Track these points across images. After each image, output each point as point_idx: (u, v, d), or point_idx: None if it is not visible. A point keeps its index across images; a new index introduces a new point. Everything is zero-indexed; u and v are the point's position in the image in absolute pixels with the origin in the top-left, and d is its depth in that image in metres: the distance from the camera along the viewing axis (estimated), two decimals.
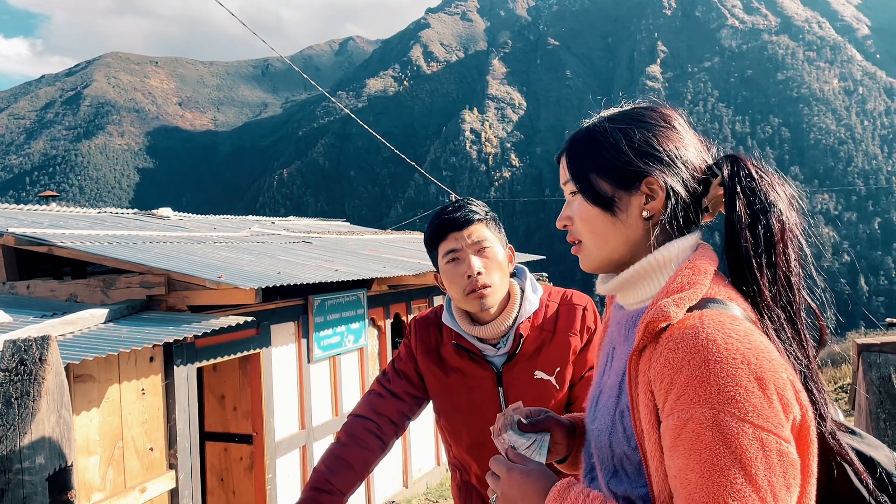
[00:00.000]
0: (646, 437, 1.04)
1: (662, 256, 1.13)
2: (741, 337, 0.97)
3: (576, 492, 1.10)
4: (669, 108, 1.21)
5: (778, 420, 0.94)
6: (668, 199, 1.13)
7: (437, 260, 1.87)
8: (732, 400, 0.93)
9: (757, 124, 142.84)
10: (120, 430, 4.43)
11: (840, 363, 14.09)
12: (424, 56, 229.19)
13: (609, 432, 1.14)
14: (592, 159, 1.18)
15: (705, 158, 1.18)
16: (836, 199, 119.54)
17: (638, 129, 1.16)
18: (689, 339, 0.97)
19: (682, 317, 1.01)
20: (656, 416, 1.02)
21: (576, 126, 1.26)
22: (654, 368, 1.01)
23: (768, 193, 1.09)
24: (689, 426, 0.94)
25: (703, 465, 0.93)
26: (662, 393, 0.99)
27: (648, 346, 1.04)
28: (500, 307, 1.85)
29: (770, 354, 0.98)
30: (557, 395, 1.83)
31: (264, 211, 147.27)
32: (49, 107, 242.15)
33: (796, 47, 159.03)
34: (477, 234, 1.82)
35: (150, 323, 4.52)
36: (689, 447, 0.94)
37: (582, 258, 1.22)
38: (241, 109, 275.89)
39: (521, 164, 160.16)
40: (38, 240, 5.10)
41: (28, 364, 1.68)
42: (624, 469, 1.12)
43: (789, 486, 0.93)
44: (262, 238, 8.78)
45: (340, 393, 6.98)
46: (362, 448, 1.82)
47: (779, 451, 0.93)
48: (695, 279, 1.06)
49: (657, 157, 1.14)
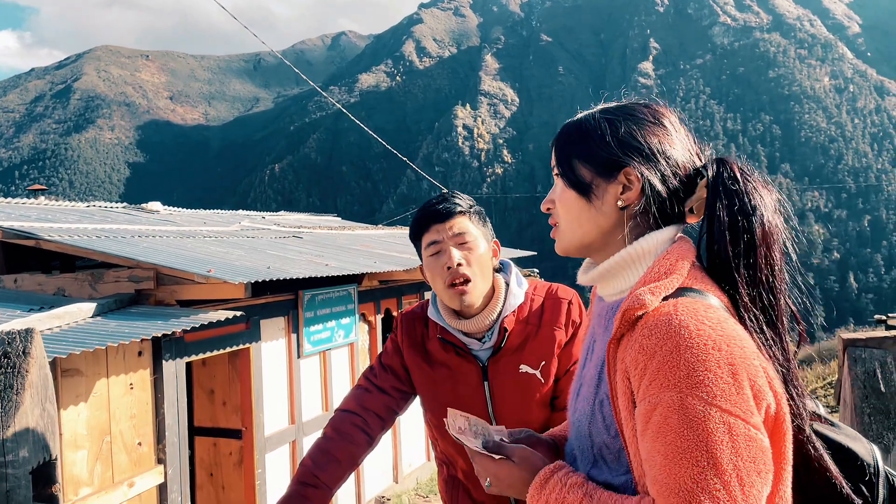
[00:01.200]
0: (625, 424, 1.05)
1: (641, 248, 1.14)
2: (714, 324, 0.99)
3: (557, 477, 1.12)
4: (664, 107, 1.23)
5: (747, 406, 0.95)
6: (644, 191, 1.15)
7: (421, 252, 1.88)
8: (700, 384, 0.94)
9: (748, 121, 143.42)
10: (108, 425, 4.41)
11: (830, 360, 14.22)
12: (417, 51, 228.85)
13: (589, 421, 1.15)
14: (578, 146, 1.21)
15: (694, 160, 1.20)
16: (826, 197, 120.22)
17: (626, 122, 1.19)
18: (663, 326, 0.99)
19: (658, 305, 1.03)
20: (633, 403, 1.03)
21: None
22: (630, 355, 1.02)
23: (752, 196, 1.10)
24: (658, 410, 0.96)
25: (667, 447, 0.94)
26: (637, 379, 1.01)
27: (626, 334, 1.05)
28: (485, 301, 1.85)
29: (742, 342, 0.99)
30: (542, 388, 1.83)
31: (256, 206, 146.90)
32: (39, 100, 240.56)
33: (788, 45, 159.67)
34: (459, 226, 1.83)
35: (139, 317, 4.51)
36: (657, 430, 0.96)
37: (557, 240, 1.26)
38: (233, 104, 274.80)
39: (513, 160, 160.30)
40: (26, 233, 5.07)
41: (11, 357, 1.67)
42: (603, 458, 1.13)
43: (759, 472, 0.93)
44: (252, 233, 8.75)
45: (330, 388, 6.97)
46: (349, 442, 1.82)
47: (746, 437, 0.93)
48: (672, 269, 1.08)
49: (638, 150, 1.16)
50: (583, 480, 1.10)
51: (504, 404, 1.84)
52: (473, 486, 1.89)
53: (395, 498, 7.67)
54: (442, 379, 1.89)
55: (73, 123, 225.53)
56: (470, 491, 1.91)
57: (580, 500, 1.06)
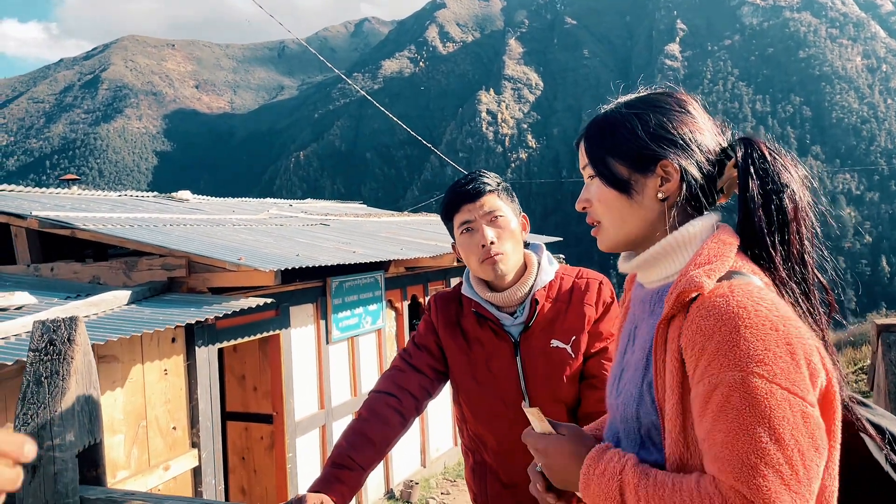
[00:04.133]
0: (666, 400, 1.08)
1: (687, 233, 1.16)
2: (769, 305, 1.01)
3: (611, 454, 1.14)
4: (685, 94, 1.25)
5: (805, 385, 0.97)
6: (683, 180, 1.17)
7: (453, 231, 1.93)
8: (762, 363, 0.96)
9: (778, 103, 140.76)
10: (143, 410, 4.51)
11: (861, 344, 14.00)
12: (440, 36, 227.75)
13: (637, 404, 1.16)
14: (610, 143, 1.22)
15: (720, 141, 1.22)
16: (857, 179, 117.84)
17: (654, 114, 1.20)
18: (721, 307, 1.01)
19: (713, 287, 1.04)
20: (679, 382, 1.05)
21: (593, 107, 1.31)
22: (686, 336, 1.04)
23: (781, 174, 1.13)
24: (720, 389, 0.98)
25: (729, 425, 0.96)
26: (693, 360, 1.02)
27: (678, 316, 1.07)
28: (517, 276, 1.91)
29: (796, 322, 1.02)
30: (573, 363, 1.87)
31: (281, 193, 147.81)
32: (68, 90, 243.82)
33: (818, 24, 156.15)
34: (489, 204, 1.88)
35: (172, 304, 4.59)
36: (718, 409, 0.98)
37: (600, 239, 1.27)
38: (258, 92, 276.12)
39: (537, 146, 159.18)
40: (62, 223, 5.18)
41: (57, 344, 1.73)
42: (651, 439, 1.15)
43: (817, 448, 0.96)
44: (281, 221, 8.83)
45: (359, 373, 7.04)
46: (383, 424, 1.85)
47: (804, 414, 0.95)
48: (721, 253, 1.09)
49: (672, 141, 1.18)
50: (637, 459, 1.11)
51: (536, 379, 1.88)
52: (503, 469, 1.92)
53: (423, 482, 7.75)
54: (476, 355, 1.93)
55: (101, 113, 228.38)
56: (500, 475, 1.93)
57: (639, 476, 1.07)
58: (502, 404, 1.89)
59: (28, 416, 1.66)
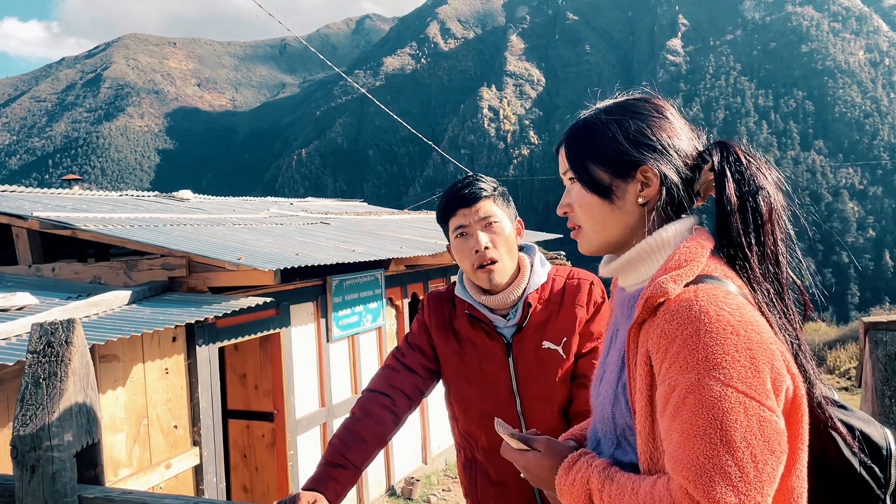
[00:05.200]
0: (636, 402, 1.11)
1: (661, 238, 1.19)
2: (733, 310, 1.03)
3: (583, 460, 1.18)
4: (662, 99, 1.28)
5: (763, 389, 0.98)
6: (662, 185, 1.20)
7: (448, 234, 1.96)
8: (718, 366, 0.98)
9: (780, 98, 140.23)
10: (145, 409, 4.55)
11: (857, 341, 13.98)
12: (442, 33, 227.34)
13: (612, 405, 1.20)
14: (590, 149, 1.25)
15: (696, 146, 1.24)
16: (860, 174, 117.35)
17: (633, 120, 1.23)
18: (684, 311, 1.03)
19: (679, 291, 1.07)
20: (648, 384, 1.08)
21: (595, 103, 1.32)
22: (652, 339, 1.07)
23: (756, 177, 1.15)
24: (677, 391, 1.00)
25: (683, 426, 0.99)
26: (658, 362, 1.05)
27: (647, 320, 1.10)
28: (511, 279, 1.94)
29: (760, 328, 1.03)
30: (564, 364, 1.90)
31: (283, 191, 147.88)
32: (70, 89, 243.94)
33: (821, 18, 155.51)
34: (484, 209, 1.90)
35: (172, 304, 4.62)
36: (674, 410, 1.00)
37: (581, 242, 1.30)
38: (259, 90, 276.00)
39: (539, 142, 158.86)
40: (63, 223, 5.21)
41: (55, 346, 1.76)
42: (626, 439, 1.18)
43: (773, 452, 0.97)
44: (281, 220, 8.86)
45: (359, 371, 7.08)
46: (375, 422, 1.88)
47: (761, 418, 0.97)
48: (691, 257, 1.12)
49: (651, 147, 1.20)
50: (606, 464, 1.15)
51: (528, 380, 1.90)
52: (493, 466, 1.95)
53: (425, 478, 7.78)
54: (469, 356, 1.96)
55: (103, 112, 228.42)
56: (489, 472, 1.96)
57: (602, 482, 1.11)
58: (494, 404, 1.91)
59: (27, 416, 1.69)
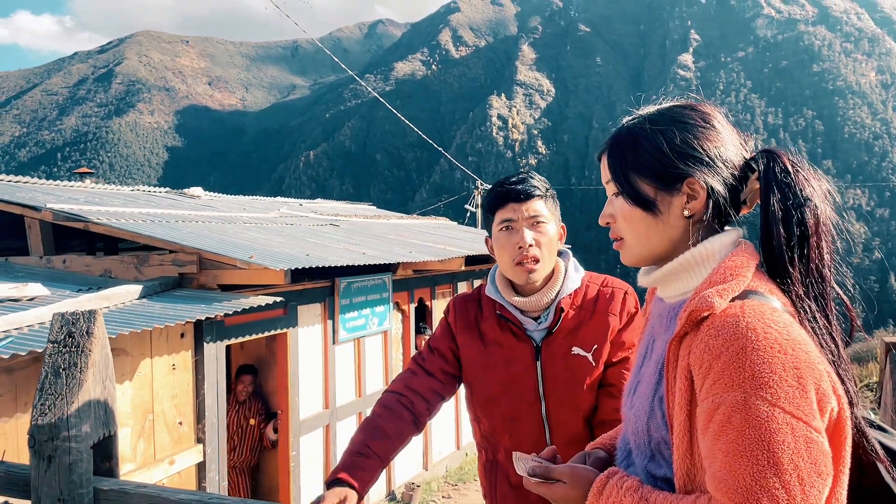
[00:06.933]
0: (675, 417, 1.08)
1: (706, 250, 1.16)
2: (780, 328, 1.00)
3: (613, 482, 1.15)
4: (709, 106, 1.23)
5: (810, 409, 0.96)
6: (709, 198, 1.16)
7: (492, 225, 1.94)
8: (765, 385, 0.96)
9: (790, 116, 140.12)
10: (151, 404, 4.54)
11: (867, 361, 13.91)
12: (453, 40, 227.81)
13: (647, 417, 1.17)
14: (634, 161, 1.21)
15: (743, 154, 1.21)
16: (868, 195, 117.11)
17: (679, 131, 1.18)
18: (730, 327, 1.01)
19: (725, 306, 1.04)
20: (688, 399, 1.06)
21: (604, 115, 1.30)
22: (695, 354, 1.04)
23: (803, 188, 1.11)
24: (722, 409, 0.98)
25: (729, 446, 0.96)
26: (700, 378, 1.03)
27: (689, 333, 1.07)
28: (544, 281, 1.93)
29: (807, 346, 1.01)
30: (593, 372, 1.88)
31: (290, 192, 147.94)
32: (81, 84, 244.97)
33: (833, 38, 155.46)
34: (534, 208, 1.90)
35: (182, 300, 4.62)
36: (719, 429, 0.98)
37: (623, 254, 1.26)
38: (270, 91, 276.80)
39: (547, 152, 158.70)
40: (76, 216, 5.22)
41: (76, 337, 1.75)
42: (661, 453, 1.16)
43: (820, 474, 0.95)
44: (291, 220, 8.87)
45: (364, 375, 7.06)
46: (396, 418, 1.89)
47: (808, 439, 0.95)
48: (737, 272, 1.09)
49: (698, 159, 1.17)
50: (638, 484, 1.12)
51: (555, 384, 1.89)
52: (513, 469, 1.94)
53: (425, 485, 7.75)
54: (495, 358, 1.94)
55: (114, 107, 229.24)
56: (509, 474, 1.95)
57: (637, 503, 1.08)
58: (518, 406, 1.90)
59: (45, 406, 1.68)
